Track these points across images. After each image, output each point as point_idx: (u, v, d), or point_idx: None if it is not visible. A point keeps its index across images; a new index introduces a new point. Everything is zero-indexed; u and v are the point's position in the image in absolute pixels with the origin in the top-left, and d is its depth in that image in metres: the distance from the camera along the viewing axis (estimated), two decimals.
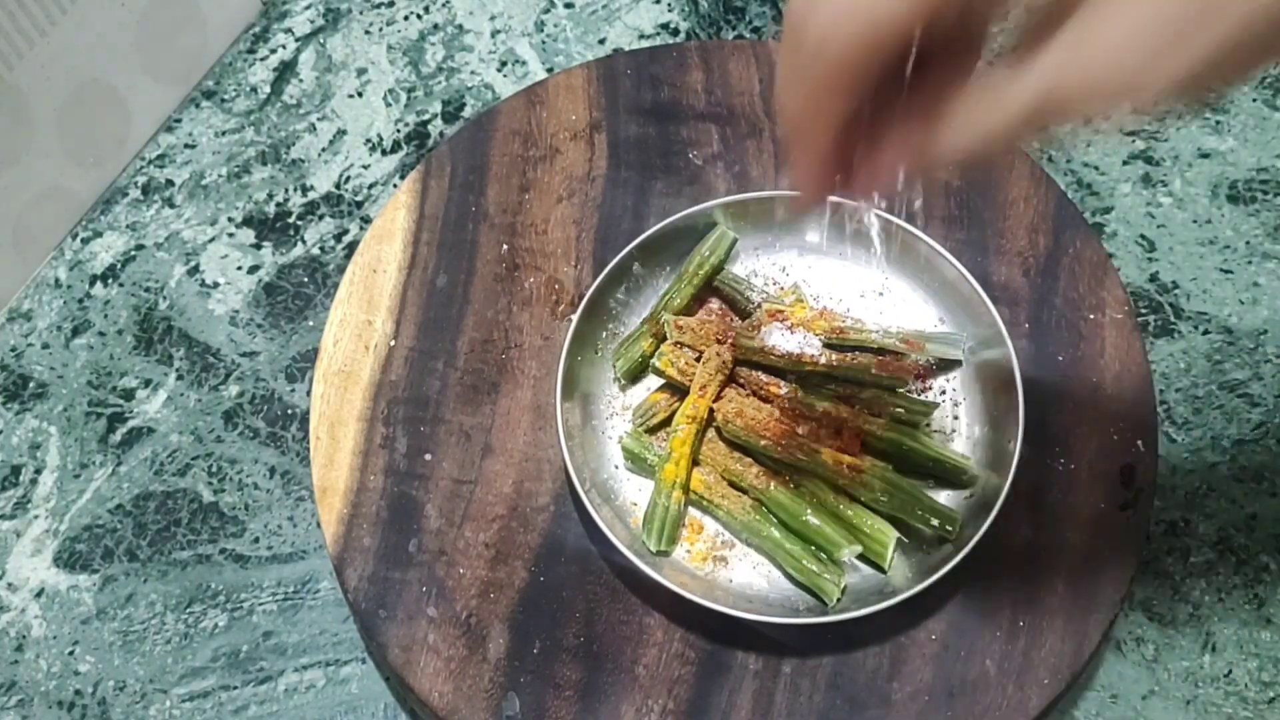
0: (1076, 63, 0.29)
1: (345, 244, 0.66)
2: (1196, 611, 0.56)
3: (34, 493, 0.61)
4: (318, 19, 0.73)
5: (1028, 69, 0.31)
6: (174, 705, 0.56)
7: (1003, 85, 0.32)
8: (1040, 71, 0.30)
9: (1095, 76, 0.29)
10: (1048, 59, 0.30)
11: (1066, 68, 0.29)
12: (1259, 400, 0.61)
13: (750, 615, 0.50)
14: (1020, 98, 0.31)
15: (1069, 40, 0.29)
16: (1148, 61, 0.29)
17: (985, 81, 0.33)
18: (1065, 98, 0.30)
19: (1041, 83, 0.30)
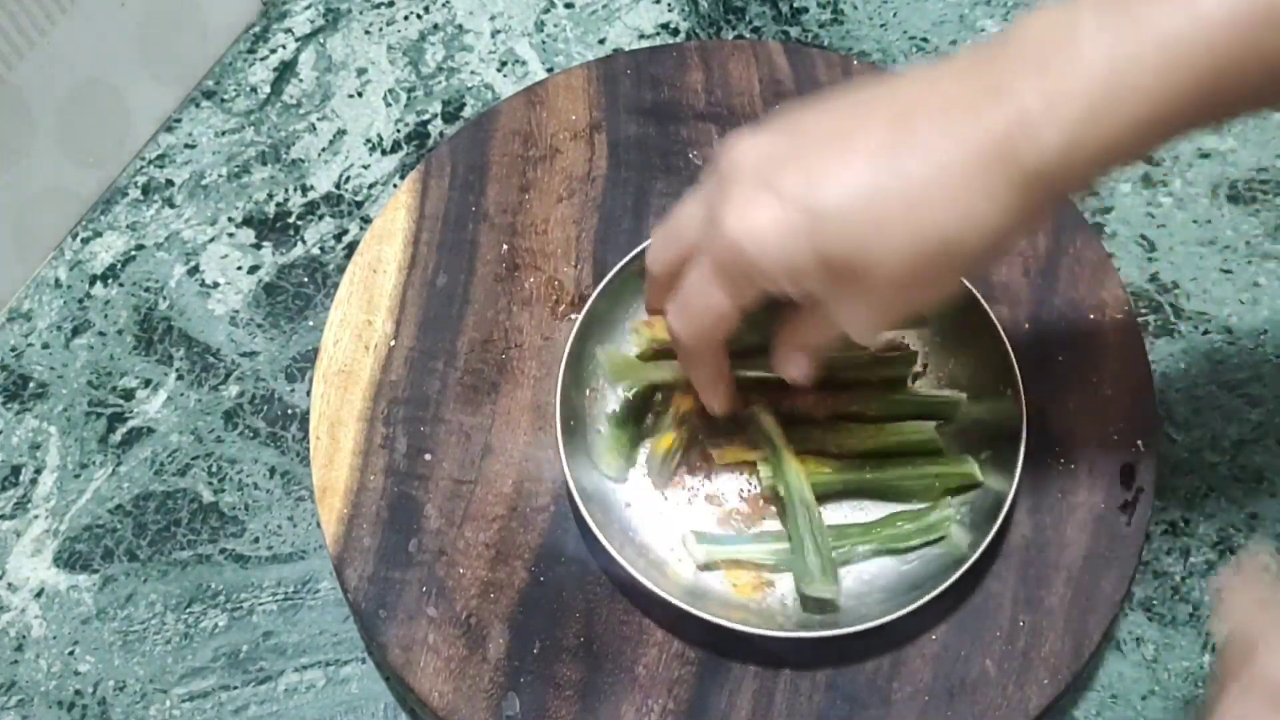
0: (837, 327, 0.46)
1: (345, 244, 0.66)
2: (1196, 611, 0.56)
3: (34, 493, 0.61)
4: (318, 19, 0.73)
5: (816, 320, 0.48)
6: (174, 705, 0.56)
7: (802, 328, 0.49)
8: (823, 323, 0.47)
9: (849, 331, 0.46)
10: (817, 324, 0.48)
11: (829, 327, 0.47)
12: (1259, 400, 0.61)
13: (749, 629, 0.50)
14: (815, 336, 0.49)
15: (824, 316, 0.46)
16: (874, 327, 0.46)
17: (794, 322, 0.49)
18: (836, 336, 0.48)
19: (825, 329, 0.48)
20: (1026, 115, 0.39)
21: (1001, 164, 0.40)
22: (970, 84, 0.41)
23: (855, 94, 0.44)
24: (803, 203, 0.42)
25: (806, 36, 0.71)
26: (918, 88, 0.43)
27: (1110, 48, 0.39)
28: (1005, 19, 0.71)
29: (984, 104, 0.40)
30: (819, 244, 0.42)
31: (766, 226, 0.42)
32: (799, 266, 0.43)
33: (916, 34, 0.71)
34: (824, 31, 0.71)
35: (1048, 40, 0.40)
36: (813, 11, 0.72)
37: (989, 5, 0.72)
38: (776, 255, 0.43)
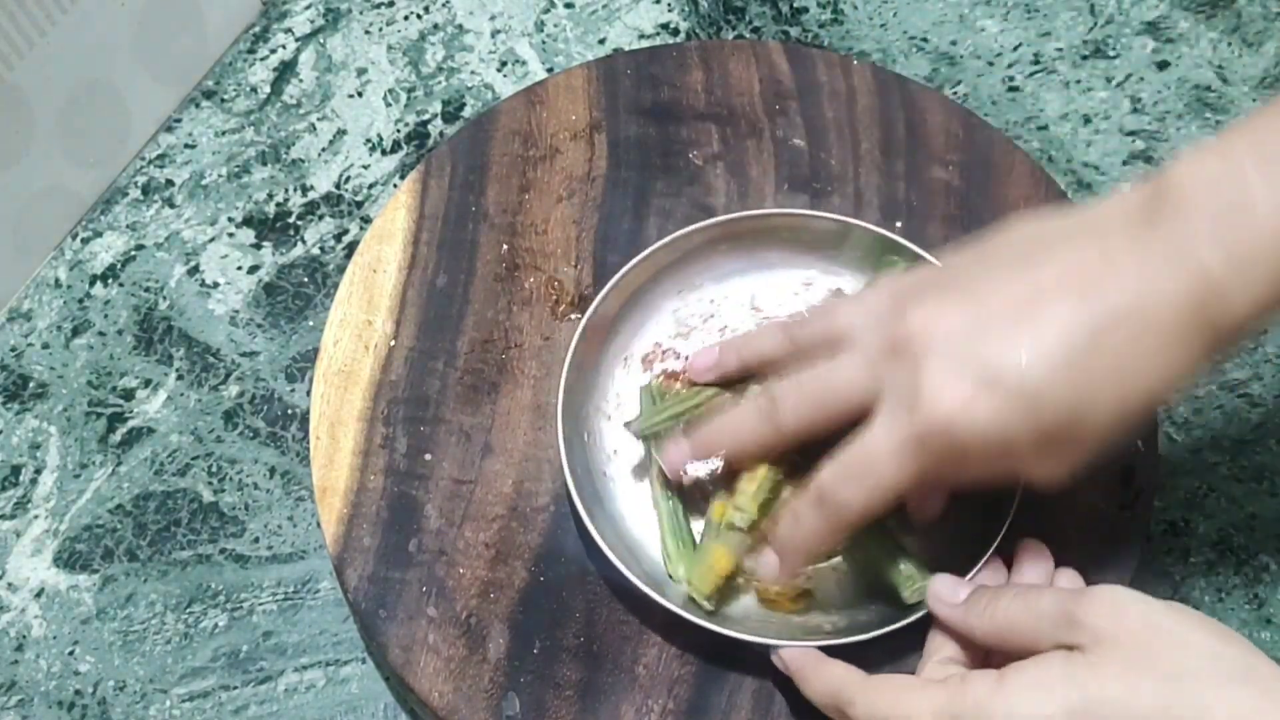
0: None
1: (345, 244, 0.66)
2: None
3: (34, 493, 0.61)
4: (318, 19, 0.73)
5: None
6: (174, 705, 0.56)
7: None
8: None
9: (1042, 481, 0.46)
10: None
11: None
12: (1259, 400, 0.61)
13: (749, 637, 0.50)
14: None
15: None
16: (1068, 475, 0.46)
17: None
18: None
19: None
20: (1214, 281, 0.41)
21: (1195, 326, 0.42)
22: (1144, 244, 0.43)
23: (1015, 247, 0.46)
24: (1011, 383, 0.43)
25: (806, 36, 0.71)
26: (1087, 246, 0.44)
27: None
28: (1005, 19, 0.71)
29: (1169, 265, 0.42)
30: (1034, 421, 0.43)
31: (979, 411, 0.43)
32: (1014, 444, 0.43)
33: (916, 34, 0.71)
34: (824, 31, 0.72)
35: (1216, 194, 0.42)
36: (813, 11, 0.72)
37: (989, 5, 0.72)
38: (992, 437, 0.43)
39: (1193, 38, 0.70)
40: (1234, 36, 0.70)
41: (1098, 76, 0.70)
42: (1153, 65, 0.70)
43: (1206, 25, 0.71)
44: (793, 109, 0.64)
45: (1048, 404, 0.43)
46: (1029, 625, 0.44)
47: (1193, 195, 0.42)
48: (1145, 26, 0.71)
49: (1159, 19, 0.71)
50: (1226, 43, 0.70)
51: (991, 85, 0.69)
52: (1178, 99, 0.69)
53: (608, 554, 0.51)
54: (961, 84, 0.70)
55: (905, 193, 0.62)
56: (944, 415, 0.43)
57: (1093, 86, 0.69)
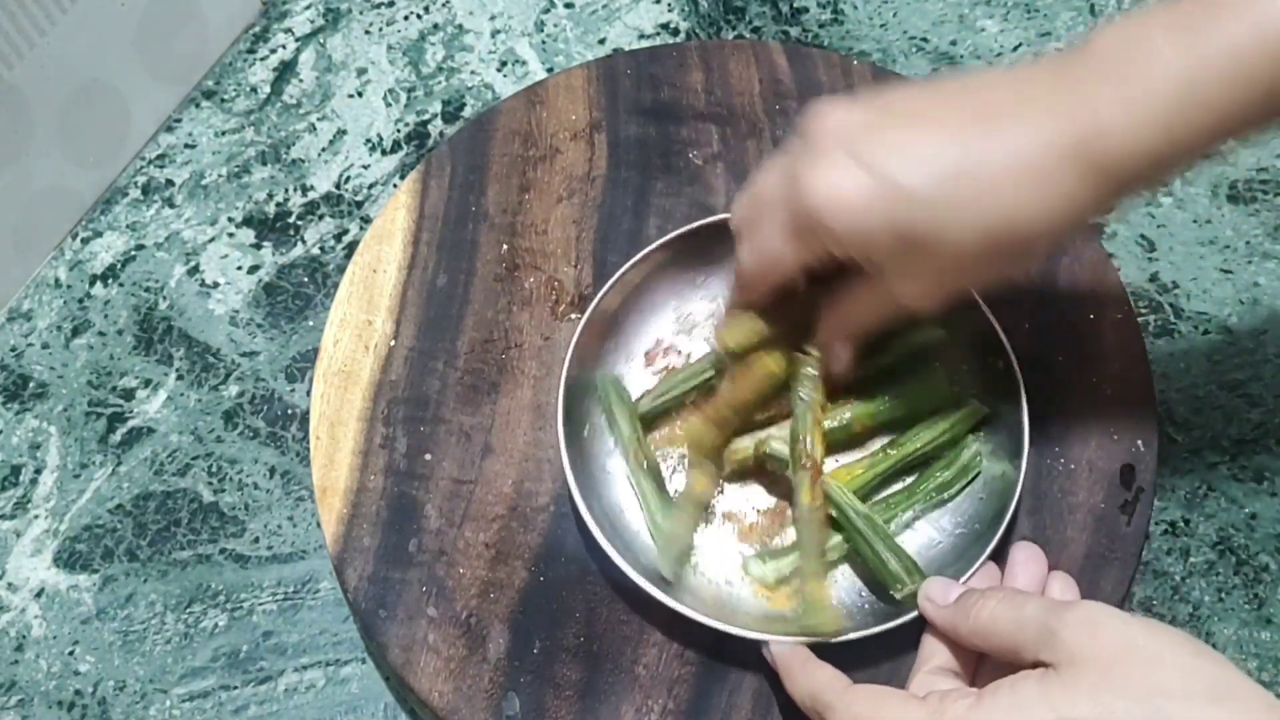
0: (891, 300, 0.50)
1: (345, 244, 0.66)
2: (1196, 611, 0.56)
3: (34, 493, 0.61)
4: (318, 19, 0.73)
5: (870, 294, 0.51)
6: (174, 705, 0.56)
7: (854, 302, 0.52)
8: (877, 297, 0.51)
9: (905, 300, 0.49)
10: (875, 297, 0.51)
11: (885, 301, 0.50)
12: (1259, 400, 0.61)
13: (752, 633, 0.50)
14: (866, 311, 0.52)
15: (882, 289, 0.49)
16: (930, 299, 0.49)
17: (845, 297, 0.52)
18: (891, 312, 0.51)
19: (879, 303, 0.51)
20: (1103, 119, 0.43)
21: (1075, 161, 0.43)
22: (1051, 85, 0.44)
23: (941, 82, 0.48)
24: (884, 174, 0.44)
25: (806, 36, 0.71)
26: (1001, 82, 0.46)
27: (1182, 60, 0.42)
28: (1005, 19, 0.71)
29: (1063, 104, 0.43)
30: (895, 216, 0.45)
31: (846, 192, 0.45)
32: (872, 235, 0.45)
33: (916, 34, 0.71)
34: (824, 31, 0.72)
35: (1124, 51, 0.43)
36: (813, 11, 0.72)
37: (989, 5, 0.72)
38: (851, 221, 0.45)
39: None
40: None
41: None
42: None
43: None
44: (793, 109, 0.64)
45: (910, 201, 0.44)
46: (1012, 632, 0.44)
47: (1102, 49, 0.44)
48: None
49: None
50: None
51: None
52: None
53: (605, 548, 0.51)
54: None
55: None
56: (812, 194, 0.46)
57: None
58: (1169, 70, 0.42)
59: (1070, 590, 0.50)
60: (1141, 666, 0.40)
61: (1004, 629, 0.45)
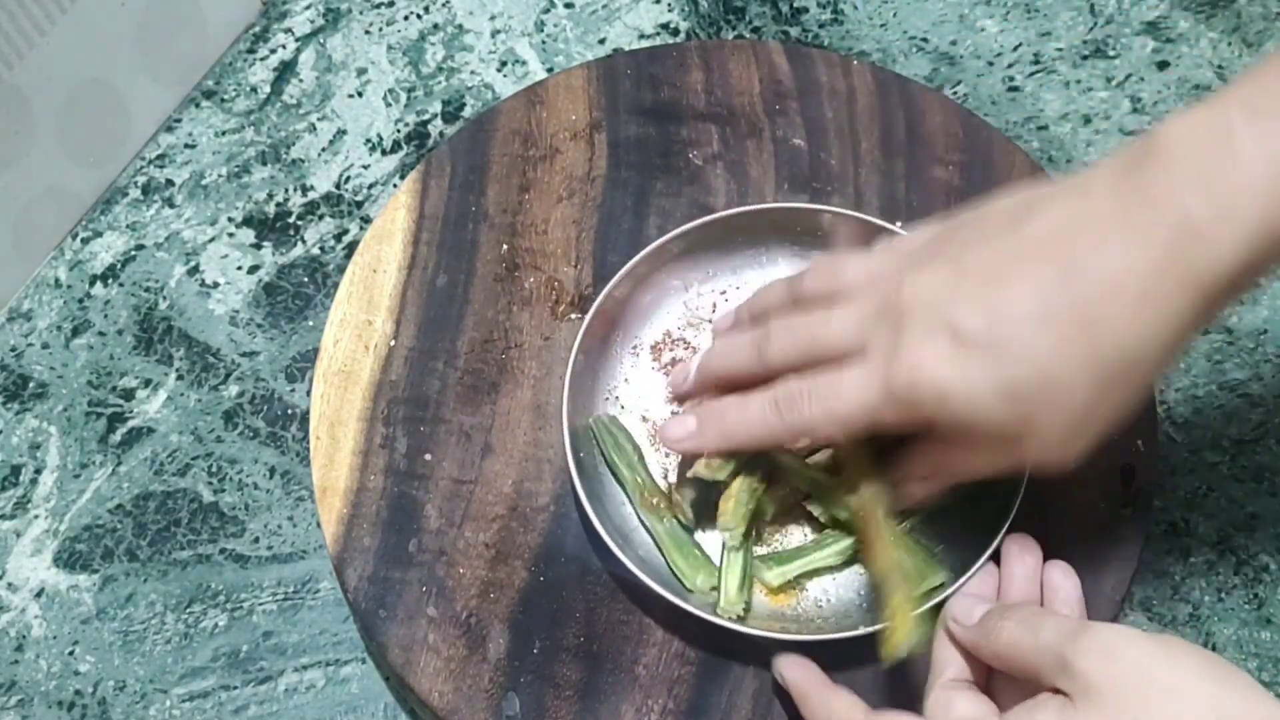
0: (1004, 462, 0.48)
1: (345, 244, 0.66)
2: (1196, 611, 0.56)
3: (34, 493, 0.61)
4: (318, 19, 0.73)
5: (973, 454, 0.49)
6: (174, 705, 0.56)
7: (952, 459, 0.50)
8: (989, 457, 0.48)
9: (1043, 460, 0.47)
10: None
11: None
12: (1259, 400, 0.61)
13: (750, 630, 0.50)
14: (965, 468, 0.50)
15: None
16: (1070, 451, 0.46)
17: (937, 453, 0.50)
18: None
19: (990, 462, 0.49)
20: (1196, 230, 0.40)
21: (1176, 280, 0.41)
22: (1126, 198, 0.42)
23: (1005, 211, 0.45)
24: (981, 340, 0.43)
25: (806, 36, 0.71)
26: (1069, 208, 0.43)
27: (1269, 150, 0.39)
28: (1005, 19, 0.71)
29: (1147, 219, 0.41)
30: (1001, 378, 0.43)
31: (945, 369, 0.43)
32: (981, 403, 0.43)
33: (916, 34, 0.71)
34: (824, 31, 0.72)
35: (1201, 147, 0.40)
36: (813, 11, 0.72)
37: (989, 5, 0.72)
38: (957, 397, 0.43)
39: (1193, 38, 0.70)
40: (1234, 36, 0.70)
41: (1098, 76, 0.70)
42: (1153, 65, 0.70)
43: (1206, 25, 0.71)
44: (793, 109, 0.64)
45: (1012, 362, 0.42)
46: (1029, 654, 0.43)
47: (1177, 149, 0.41)
48: (1145, 26, 0.71)
49: (1159, 19, 0.71)
50: (1226, 43, 0.70)
51: (991, 85, 0.69)
52: (1178, 99, 0.69)
53: (602, 534, 0.51)
54: (961, 84, 0.70)
55: (905, 193, 0.62)
56: (911, 366, 0.44)
57: (1093, 86, 0.69)
58: (1256, 163, 0.39)
59: (1069, 579, 0.49)
60: (1160, 700, 0.38)
61: (1022, 654, 0.43)
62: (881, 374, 0.45)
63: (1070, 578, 0.49)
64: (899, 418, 0.46)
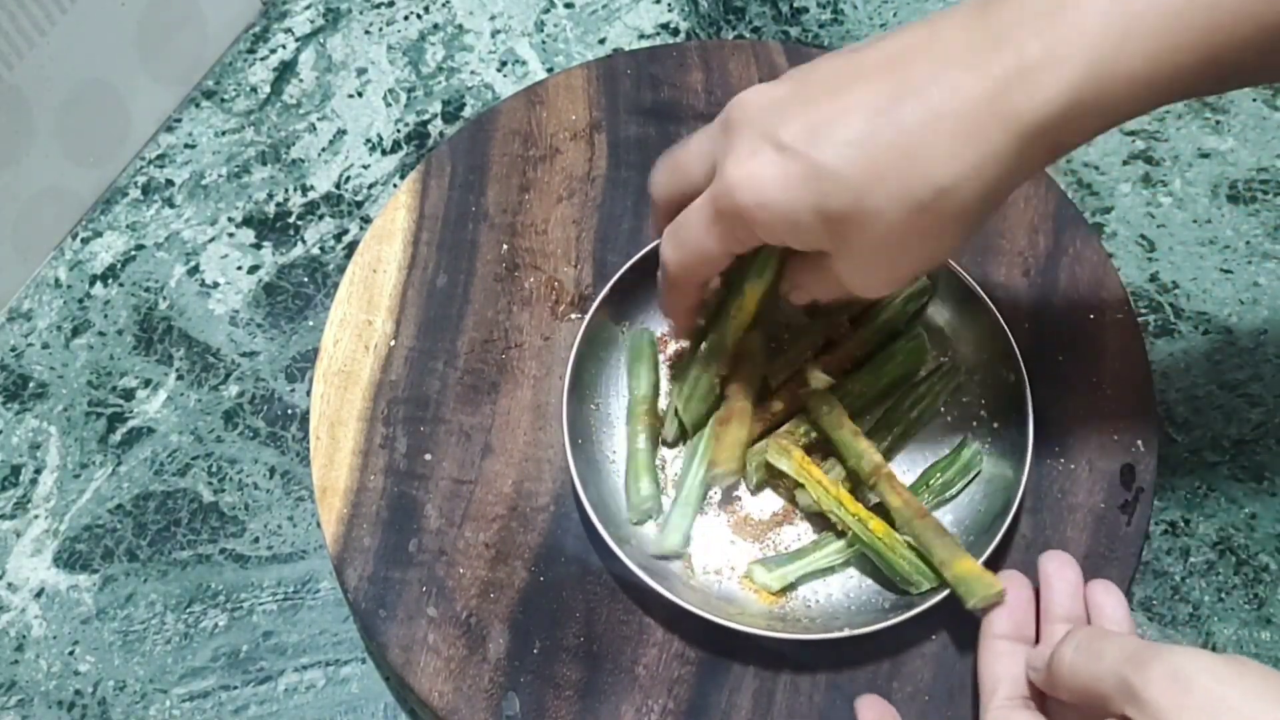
0: (841, 283, 0.47)
1: (345, 244, 0.66)
2: (1196, 611, 0.56)
3: (34, 493, 0.61)
4: (318, 19, 0.73)
5: (819, 273, 0.47)
6: (174, 705, 0.56)
7: (807, 278, 0.49)
8: (825, 279, 0.48)
9: (853, 288, 0.47)
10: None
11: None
12: (1259, 400, 0.61)
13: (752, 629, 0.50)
14: (819, 289, 0.49)
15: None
16: (878, 283, 0.47)
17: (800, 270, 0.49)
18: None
19: (828, 283, 0.48)
20: (1026, 67, 0.39)
21: (998, 115, 0.40)
22: (971, 32, 0.41)
23: (863, 45, 0.44)
24: (800, 155, 0.42)
25: (806, 36, 0.71)
26: (918, 36, 0.43)
27: (1111, 3, 0.39)
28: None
29: (983, 53, 0.40)
30: (816, 196, 0.42)
31: (765, 180, 0.43)
32: (797, 219, 0.43)
33: None
34: (824, 31, 0.72)
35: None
36: (813, 11, 0.72)
37: None
38: (774, 209, 0.43)
39: None
40: None
41: None
42: None
43: None
44: None
45: (829, 180, 0.42)
46: (1090, 681, 0.42)
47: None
48: None
49: None
50: None
51: None
52: None
53: (599, 527, 0.51)
54: None
55: None
56: (733, 183, 0.44)
57: None
58: (1096, 13, 0.39)
59: (1112, 596, 0.48)
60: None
61: (1083, 681, 0.42)
62: (712, 190, 0.45)
63: (1113, 594, 0.48)
64: (731, 231, 0.45)
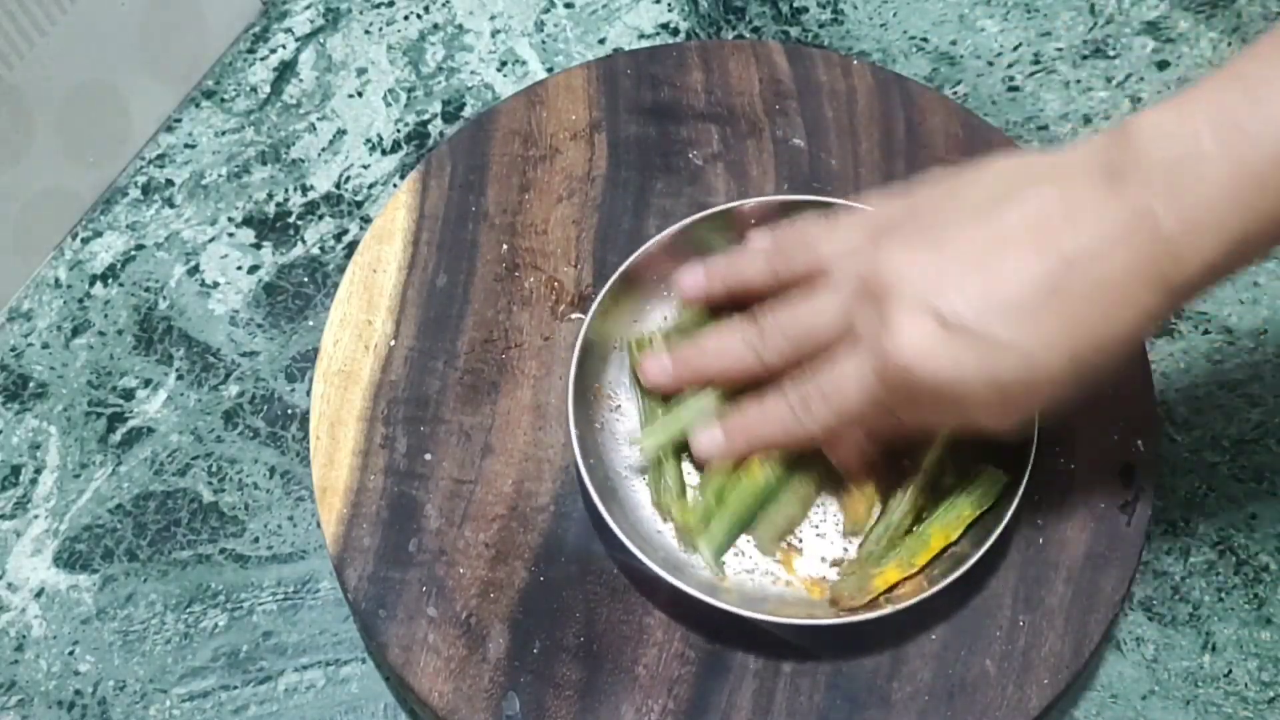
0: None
1: (345, 244, 0.66)
2: (1196, 611, 0.56)
3: (34, 493, 0.61)
4: (318, 19, 0.73)
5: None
6: (174, 705, 0.56)
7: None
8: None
9: (988, 427, 0.49)
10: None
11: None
12: (1259, 400, 0.61)
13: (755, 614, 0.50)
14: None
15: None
16: (1016, 424, 0.49)
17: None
18: None
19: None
20: (1167, 239, 0.43)
21: (1150, 284, 0.44)
22: (1103, 195, 0.44)
23: (981, 190, 0.47)
24: (969, 330, 0.45)
25: (806, 36, 0.71)
26: (1050, 194, 0.45)
27: (1235, 164, 0.42)
28: (1005, 19, 0.71)
29: (1123, 224, 0.43)
30: (989, 369, 0.45)
31: (934, 354, 0.45)
32: (969, 389, 0.46)
33: (916, 34, 0.71)
34: (824, 31, 0.72)
35: (1172, 154, 0.43)
36: (813, 11, 0.72)
37: (989, 5, 0.72)
38: (948, 379, 0.45)
39: (1193, 38, 0.70)
40: (1234, 36, 0.70)
41: (1098, 76, 0.70)
42: (1153, 65, 0.70)
43: (1206, 25, 0.71)
44: (793, 109, 0.64)
45: (1003, 351, 0.45)
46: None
47: (1149, 153, 0.43)
48: (1145, 26, 0.71)
49: (1159, 19, 0.71)
50: (1226, 43, 0.70)
51: (991, 85, 0.69)
52: None
53: (599, 506, 0.52)
54: (961, 84, 0.70)
55: None
56: (904, 354, 0.46)
57: (1093, 86, 0.69)
58: (1222, 183, 0.42)
59: None
60: None
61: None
62: (873, 362, 0.48)
63: None
64: (894, 400, 0.48)
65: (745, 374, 0.53)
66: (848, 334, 0.49)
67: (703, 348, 0.55)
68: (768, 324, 0.52)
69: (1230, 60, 0.44)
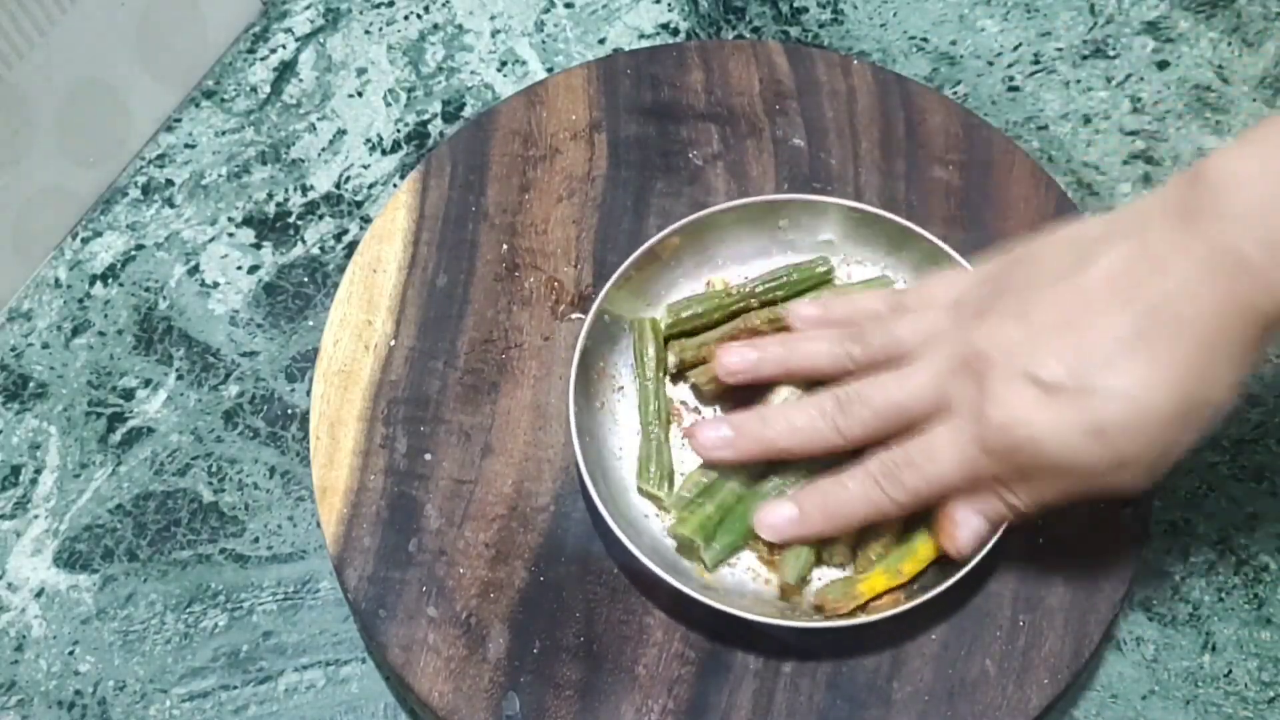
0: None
1: (345, 244, 0.66)
2: (1196, 611, 0.56)
3: (34, 493, 0.61)
4: (318, 19, 0.73)
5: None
6: (174, 705, 0.56)
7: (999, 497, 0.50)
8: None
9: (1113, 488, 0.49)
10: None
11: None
12: (1259, 400, 0.61)
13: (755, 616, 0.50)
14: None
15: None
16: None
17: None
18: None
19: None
20: (1256, 272, 0.43)
21: (1244, 319, 0.44)
22: (1183, 240, 0.44)
23: (1058, 255, 0.48)
24: (1065, 386, 0.45)
25: (806, 36, 0.71)
26: (1127, 248, 0.46)
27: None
28: (1005, 19, 0.71)
29: (1206, 262, 0.44)
30: (1090, 419, 0.45)
31: (1038, 415, 0.46)
32: (1076, 446, 0.46)
33: (916, 34, 0.71)
34: (824, 31, 0.72)
35: (1253, 189, 0.43)
36: (813, 11, 0.72)
37: (989, 5, 0.72)
38: (1054, 440, 0.46)
39: (1193, 38, 0.70)
40: (1234, 36, 0.70)
41: (1098, 76, 0.70)
42: (1153, 65, 0.70)
43: (1206, 25, 0.71)
44: (793, 109, 0.64)
45: (1102, 399, 0.45)
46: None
47: (1229, 189, 0.44)
48: (1145, 26, 0.71)
49: (1159, 19, 0.71)
50: (1226, 43, 0.70)
51: (991, 85, 0.70)
52: (1178, 99, 0.69)
53: (599, 507, 0.52)
54: (961, 84, 0.70)
55: (905, 193, 0.62)
56: (1006, 418, 0.46)
57: (1093, 86, 0.69)
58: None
59: None
60: None
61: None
62: (973, 430, 0.47)
63: None
64: (995, 469, 0.48)
65: (821, 449, 0.51)
66: (940, 409, 0.49)
67: (771, 419, 0.52)
68: (849, 396, 0.51)
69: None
